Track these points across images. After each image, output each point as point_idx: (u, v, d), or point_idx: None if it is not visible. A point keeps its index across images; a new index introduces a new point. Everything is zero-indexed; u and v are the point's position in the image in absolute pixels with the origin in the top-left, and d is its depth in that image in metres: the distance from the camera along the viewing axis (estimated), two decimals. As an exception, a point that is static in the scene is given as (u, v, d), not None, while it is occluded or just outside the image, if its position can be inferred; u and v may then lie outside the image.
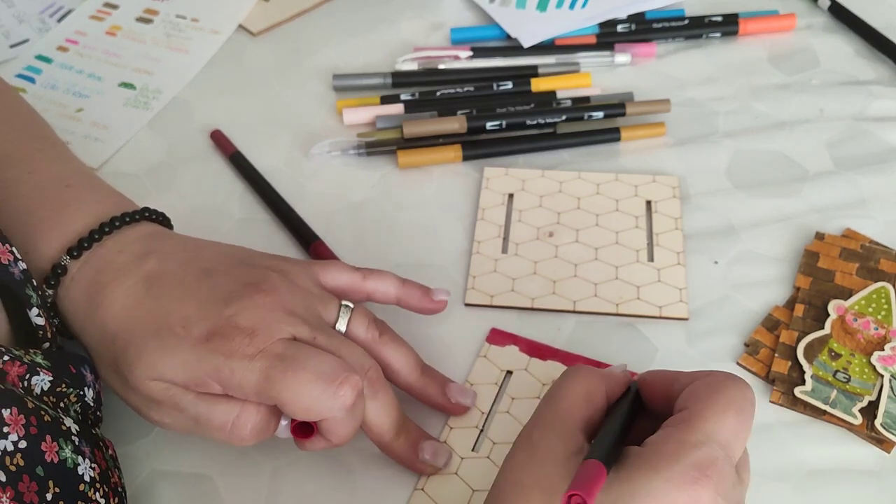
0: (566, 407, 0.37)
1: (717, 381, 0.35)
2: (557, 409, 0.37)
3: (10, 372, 0.37)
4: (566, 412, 0.36)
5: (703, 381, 0.36)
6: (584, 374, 0.38)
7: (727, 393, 0.35)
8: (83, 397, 0.40)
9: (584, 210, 0.56)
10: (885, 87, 0.63)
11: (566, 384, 0.38)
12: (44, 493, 0.34)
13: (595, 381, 0.38)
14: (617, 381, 0.38)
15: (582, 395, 0.37)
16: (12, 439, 0.34)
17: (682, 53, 0.67)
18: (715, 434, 0.33)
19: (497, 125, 0.60)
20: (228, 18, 0.72)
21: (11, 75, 0.67)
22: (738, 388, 0.35)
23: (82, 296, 0.42)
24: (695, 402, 0.35)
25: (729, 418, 0.34)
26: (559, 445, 0.35)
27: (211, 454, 0.45)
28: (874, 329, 0.48)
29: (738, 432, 0.34)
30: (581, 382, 0.37)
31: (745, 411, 0.34)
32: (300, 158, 0.61)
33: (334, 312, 0.43)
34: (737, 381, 0.35)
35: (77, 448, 0.37)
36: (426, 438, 0.43)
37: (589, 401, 0.37)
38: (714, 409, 0.34)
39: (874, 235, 0.53)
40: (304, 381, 0.38)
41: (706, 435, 0.33)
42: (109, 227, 0.43)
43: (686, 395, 0.35)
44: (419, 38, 0.70)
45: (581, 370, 0.38)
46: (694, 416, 0.34)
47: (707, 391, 0.35)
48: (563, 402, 0.37)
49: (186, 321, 0.40)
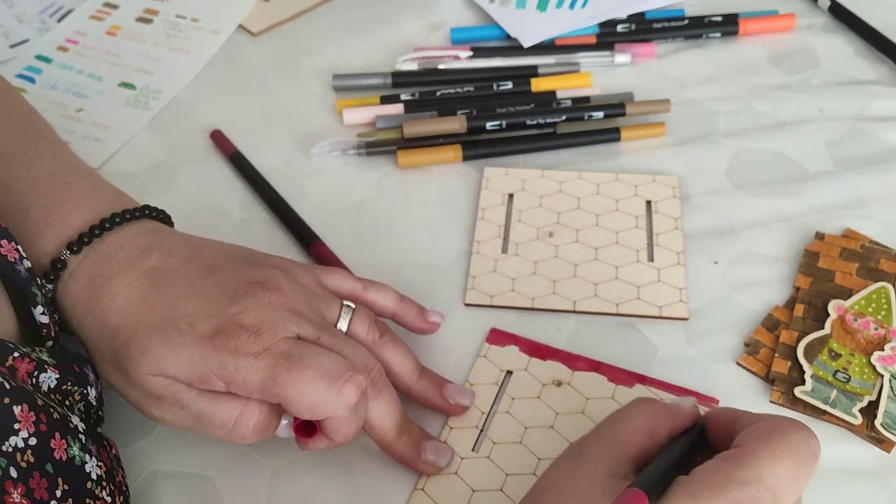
0: (626, 434, 0.36)
1: (780, 424, 0.34)
2: (616, 431, 0.36)
3: (19, 369, 0.37)
4: (624, 439, 0.36)
5: (766, 423, 0.34)
6: (652, 408, 0.37)
7: (788, 438, 0.33)
8: (87, 396, 0.40)
9: (584, 210, 0.56)
10: (885, 87, 0.63)
11: (632, 412, 0.37)
12: (53, 490, 0.34)
13: (662, 416, 0.37)
14: (684, 417, 0.37)
15: (646, 428, 0.36)
16: (23, 436, 0.34)
17: (682, 53, 0.67)
18: (764, 476, 0.32)
19: (497, 125, 0.60)
20: (228, 18, 0.72)
21: (11, 75, 0.67)
22: (802, 436, 0.33)
23: (82, 290, 0.42)
24: (752, 440, 0.33)
25: (784, 464, 0.32)
26: (606, 465, 0.34)
27: (211, 454, 0.45)
28: (874, 329, 0.48)
29: (792, 481, 0.32)
30: (648, 415, 0.36)
31: (805, 461, 0.33)
32: (300, 158, 0.61)
33: (336, 312, 0.43)
34: (801, 428, 0.34)
35: (84, 446, 0.37)
36: (428, 438, 0.44)
37: (651, 435, 0.36)
38: (769, 451, 0.32)
39: (874, 235, 0.53)
40: (308, 380, 0.38)
41: (755, 475, 0.31)
42: (110, 222, 0.43)
43: (745, 433, 0.34)
44: (419, 38, 0.70)
45: (651, 403, 0.37)
46: (746, 454, 0.32)
47: (766, 432, 0.33)
48: (625, 430, 0.36)
49: (191, 318, 0.40)
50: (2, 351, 0.37)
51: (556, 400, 0.46)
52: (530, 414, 0.46)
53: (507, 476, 0.43)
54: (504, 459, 0.44)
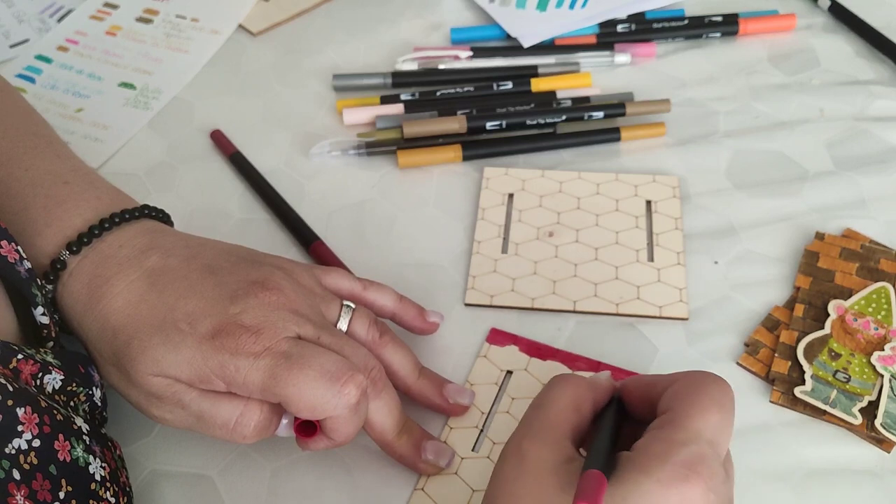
0: (554, 416, 0.36)
1: (697, 380, 0.36)
2: (545, 418, 0.36)
3: (23, 370, 0.37)
4: (554, 421, 0.36)
5: (684, 382, 0.36)
6: (571, 383, 0.38)
7: (708, 391, 0.35)
8: (92, 397, 0.40)
9: (584, 210, 0.56)
10: (885, 87, 0.63)
11: (553, 393, 0.37)
12: (57, 492, 0.34)
13: (582, 389, 0.38)
14: (603, 390, 0.38)
15: (570, 403, 0.37)
16: (26, 438, 0.34)
17: (682, 53, 0.67)
18: (701, 431, 0.33)
19: (497, 125, 0.60)
20: (228, 18, 0.72)
21: (11, 75, 0.67)
22: (719, 386, 0.35)
23: (82, 290, 0.42)
24: (678, 402, 0.35)
25: (712, 415, 0.34)
26: (549, 455, 0.35)
27: (211, 454, 0.45)
28: (874, 329, 0.48)
29: (722, 428, 0.34)
30: (568, 391, 0.37)
31: (727, 408, 0.35)
32: (300, 158, 0.61)
33: (336, 312, 0.43)
34: (716, 378, 0.36)
35: (88, 447, 0.37)
36: (428, 438, 0.44)
37: (576, 409, 0.37)
38: (697, 407, 0.34)
39: (874, 235, 0.53)
40: (309, 379, 0.38)
41: (693, 433, 0.33)
42: (109, 223, 0.43)
43: (668, 397, 0.35)
44: (419, 38, 0.70)
45: (568, 378, 0.38)
46: (678, 416, 0.34)
47: (688, 391, 0.35)
48: (551, 411, 0.37)
49: (191, 317, 0.40)
50: (6, 353, 0.37)
51: (556, 400, 0.46)
52: (530, 414, 0.46)
53: (507, 476, 0.43)
54: (504, 459, 0.44)
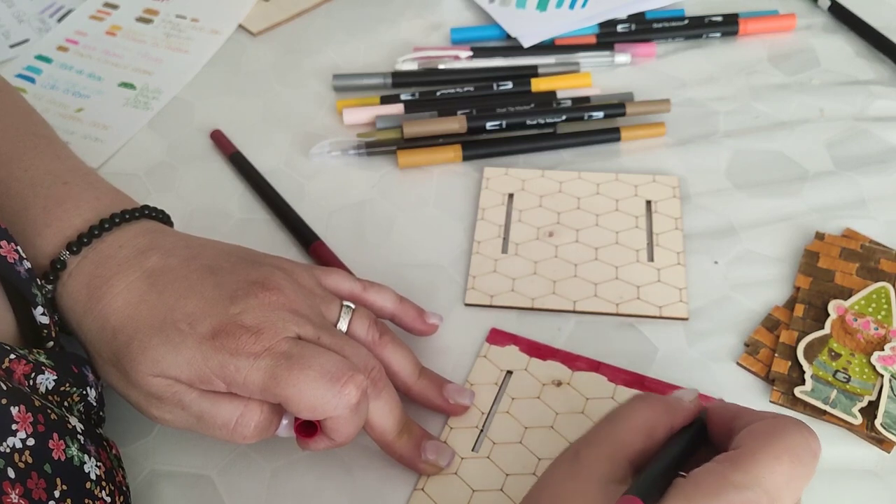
0: (623, 434, 0.35)
1: (779, 424, 0.33)
2: (612, 433, 0.35)
3: (16, 370, 0.37)
4: (620, 439, 0.35)
5: (765, 423, 0.33)
6: (650, 406, 0.36)
7: (787, 438, 0.32)
8: (86, 397, 0.40)
9: (584, 210, 0.56)
10: (885, 87, 0.63)
11: (628, 411, 0.36)
12: (52, 490, 0.34)
13: (660, 414, 0.36)
14: (683, 413, 0.36)
15: (643, 427, 0.35)
16: (21, 437, 0.34)
17: (682, 53, 0.67)
18: (762, 479, 0.31)
19: (497, 125, 0.60)
20: (228, 18, 0.72)
21: (11, 75, 0.67)
22: (802, 436, 0.33)
23: (82, 291, 0.42)
24: (750, 441, 0.32)
25: (782, 465, 0.31)
26: (603, 469, 0.34)
27: (211, 454, 0.45)
28: (874, 329, 0.48)
29: (790, 482, 0.32)
30: (645, 414, 0.36)
31: (804, 462, 0.32)
32: (300, 158, 0.61)
33: (336, 312, 0.43)
34: (801, 428, 0.33)
35: (83, 446, 0.37)
36: (429, 438, 0.44)
37: (648, 435, 0.35)
38: (768, 452, 0.32)
39: (874, 235, 0.53)
40: (309, 380, 0.38)
41: (753, 478, 0.31)
42: (109, 223, 0.43)
43: (744, 434, 0.33)
44: (419, 38, 0.70)
45: (649, 399, 0.36)
46: (744, 456, 0.32)
47: (765, 433, 0.33)
48: (620, 429, 0.35)
49: (191, 318, 0.40)
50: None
51: (556, 400, 0.46)
52: (530, 414, 0.46)
53: (507, 476, 0.43)
54: (504, 459, 0.44)
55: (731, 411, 0.36)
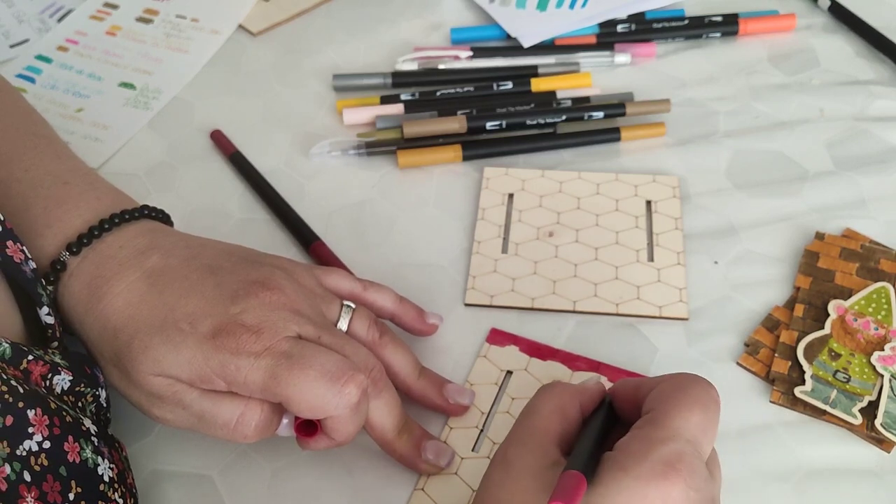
0: (539, 422, 0.37)
1: (681, 381, 0.36)
2: (531, 424, 0.37)
3: (33, 372, 0.37)
4: (540, 427, 0.36)
5: (668, 383, 0.36)
6: (557, 390, 0.38)
7: (691, 391, 0.35)
8: (98, 397, 0.40)
9: (584, 210, 0.56)
10: (885, 87, 0.63)
11: (539, 401, 0.38)
12: (66, 493, 0.34)
13: (568, 396, 0.38)
14: (591, 395, 0.38)
15: (555, 410, 0.37)
16: (37, 440, 0.34)
17: (682, 53, 0.67)
18: (681, 430, 0.33)
19: (497, 125, 0.60)
20: (228, 18, 0.72)
21: (11, 75, 0.67)
22: (703, 387, 0.35)
23: (82, 291, 0.42)
24: (660, 402, 0.35)
25: (694, 415, 0.34)
26: (534, 460, 0.35)
27: (211, 454, 0.45)
28: (874, 329, 0.48)
29: (704, 429, 0.34)
30: (554, 398, 0.37)
31: (711, 409, 0.35)
32: (300, 158, 0.61)
33: (336, 312, 0.43)
34: (700, 380, 0.36)
35: (97, 448, 0.37)
36: (429, 438, 0.44)
37: (563, 416, 0.37)
38: (679, 406, 0.34)
39: (874, 235, 0.53)
40: (309, 379, 0.38)
41: (672, 431, 0.33)
42: (109, 223, 0.43)
43: (651, 398, 0.36)
44: (419, 38, 0.70)
45: (554, 386, 0.38)
46: (659, 415, 0.34)
47: (671, 391, 0.35)
48: (537, 418, 0.37)
49: (192, 317, 0.40)
50: (16, 354, 0.37)
51: (556, 400, 0.46)
52: (530, 414, 0.46)
53: (507, 476, 0.43)
54: (504, 459, 0.44)
55: (632, 384, 0.38)
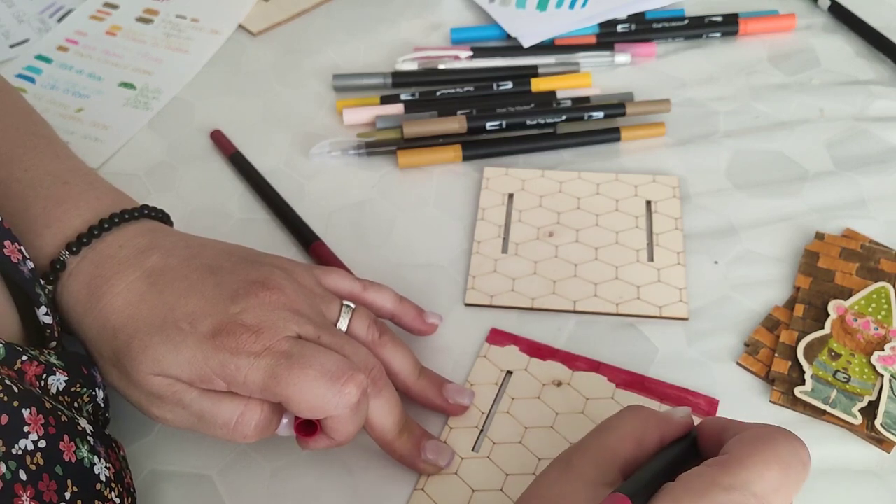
0: (613, 442, 0.35)
1: (769, 432, 0.34)
2: (604, 441, 0.36)
3: (28, 371, 0.37)
4: (611, 447, 0.35)
5: (754, 431, 0.34)
6: (642, 415, 0.36)
7: (777, 446, 0.33)
8: (95, 398, 0.40)
9: (584, 210, 0.56)
10: (885, 87, 0.63)
11: (620, 421, 0.36)
12: (62, 492, 0.34)
13: (651, 424, 0.36)
14: (675, 427, 0.37)
15: (634, 435, 0.36)
16: (32, 439, 0.34)
17: (682, 53, 0.67)
18: (750, 483, 0.31)
19: (497, 125, 0.60)
20: (228, 18, 0.72)
21: (11, 75, 0.67)
22: (790, 444, 0.33)
23: (82, 291, 0.42)
24: (739, 447, 0.33)
25: (771, 471, 0.32)
26: (593, 473, 0.34)
27: (211, 454, 0.45)
28: (874, 329, 0.48)
29: (779, 489, 0.32)
30: (637, 423, 0.36)
31: (794, 470, 0.32)
32: (300, 158, 0.61)
33: (336, 312, 0.43)
34: (790, 437, 0.34)
35: (93, 448, 0.37)
36: (429, 438, 0.44)
37: (639, 444, 0.35)
38: (756, 458, 0.32)
39: (874, 235, 0.53)
40: (309, 379, 0.38)
41: (741, 482, 0.31)
42: (109, 223, 0.43)
43: (734, 441, 0.34)
44: (419, 38, 0.70)
45: (641, 410, 0.37)
46: (733, 460, 0.32)
47: (755, 440, 0.33)
48: (612, 437, 0.36)
49: (192, 317, 0.40)
50: (10, 354, 0.37)
51: (556, 400, 0.46)
52: (530, 414, 0.46)
53: (507, 476, 0.43)
54: (504, 459, 0.44)
55: (721, 424, 0.36)
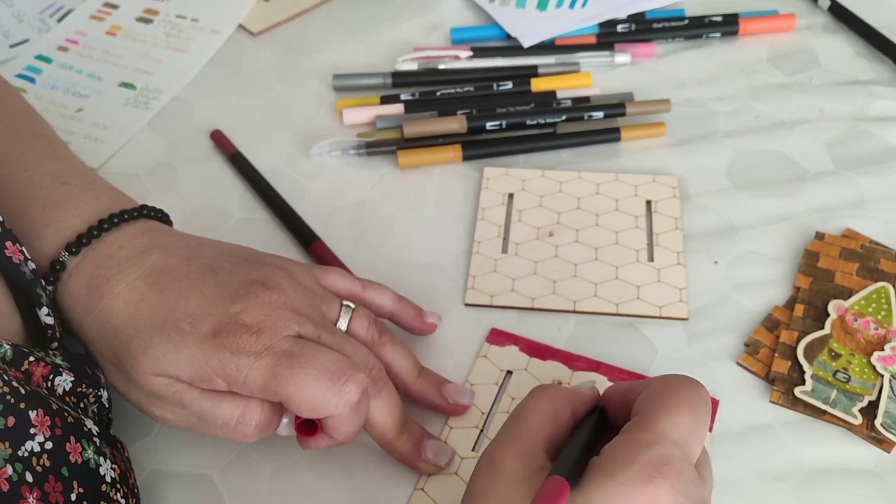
0: (529, 426, 0.36)
1: (669, 382, 0.35)
2: (520, 428, 0.36)
3: (35, 373, 0.37)
4: (528, 431, 0.36)
5: (656, 385, 0.35)
6: (548, 394, 0.37)
7: (680, 392, 0.34)
8: (100, 398, 0.40)
9: (584, 210, 0.56)
10: (885, 87, 0.63)
11: (530, 403, 0.37)
12: (68, 494, 0.34)
13: (560, 400, 0.37)
14: (583, 400, 0.38)
15: (546, 413, 0.36)
16: (39, 440, 0.34)
17: (682, 53, 0.67)
18: (668, 433, 0.33)
19: (497, 125, 0.60)
20: (228, 18, 0.72)
21: (11, 75, 0.67)
22: (691, 387, 0.35)
23: (82, 291, 0.42)
24: (647, 404, 0.34)
25: (682, 416, 0.33)
26: (520, 465, 0.34)
27: (211, 454, 0.45)
28: (874, 329, 0.48)
29: (693, 430, 0.33)
30: (545, 401, 0.37)
31: (700, 410, 0.34)
32: (300, 158, 0.61)
33: (336, 311, 0.43)
34: (689, 381, 0.35)
35: (98, 449, 0.37)
36: (429, 437, 0.44)
37: (553, 420, 0.36)
38: (666, 408, 0.34)
39: (874, 235, 0.53)
40: (310, 378, 0.38)
41: (659, 434, 0.33)
42: (108, 223, 0.43)
43: (640, 400, 0.35)
44: (419, 38, 0.70)
45: (545, 389, 0.38)
46: (645, 418, 0.34)
47: (659, 393, 0.35)
48: (526, 421, 0.36)
49: (192, 317, 0.40)
50: (18, 355, 0.37)
51: (556, 400, 0.46)
52: (530, 414, 0.46)
53: (507, 476, 0.43)
54: (504, 459, 0.44)
55: (623, 388, 0.37)
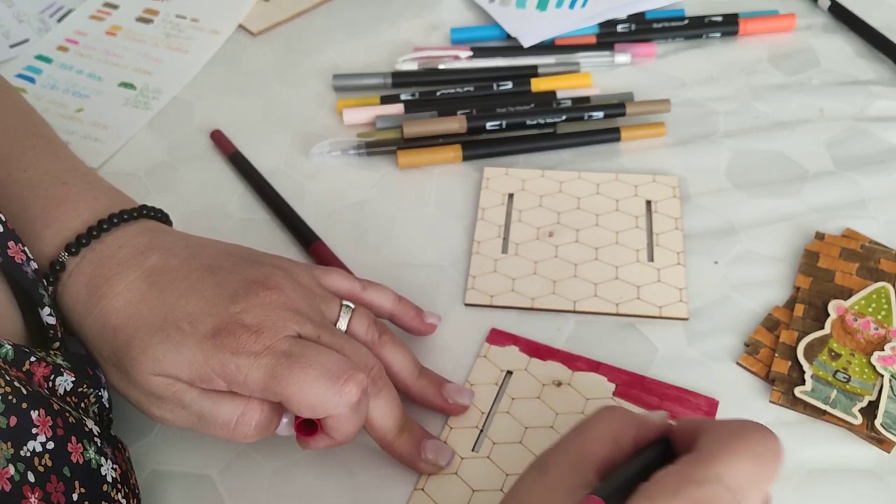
0: (588, 443, 0.35)
1: (739, 426, 0.34)
2: (579, 442, 0.35)
3: (36, 373, 0.37)
4: (586, 448, 0.35)
5: (725, 426, 0.34)
6: (616, 416, 0.36)
7: (746, 438, 0.33)
8: (101, 398, 0.40)
9: (584, 210, 0.56)
10: (885, 87, 0.63)
11: (597, 422, 0.36)
12: (70, 494, 0.34)
13: (624, 424, 0.36)
14: (649, 428, 0.37)
15: (609, 436, 0.35)
16: (40, 440, 0.34)
17: (682, 53, 0.67)
18: (723, 475, 0.31)
19: (497, 125, 0.60)
20: (228, 18, 0.72)
21: (11, 75, 0.67)
22: (761, 436, 0.33)
23: (82, 291, 0.42)
24: (711, 442, 0.33)
25: (743, 462, 0.32)
26: (569, 476, 0.34)
27: (211, 454, 0.45)
28: (874, 329, 0.48)
29: (752, 480, 0.32)
30: (609, 423, 0.36)
31: (766, 461, 0.32)
32: (300, 158, 0.61)
33: (336, 311, 0.43)
34: (760, 429, 0.34)
35: (100, 449, 0.37)
36: (429, 437, 0.44)
37: (614, 443, 0.35)
38: (727, 451, 0.32)
39: (874, 235, 0.53)
40: (310, 378, 0.38)
41: (714, 474, 0.31)
42: (108, 224, 0.43)
43: (705, 438, 0.33)
44: (419, 38, 0.70)
45: (616, 411, 0.37)
46: (704, 454, 0.32)
47: (725, 434, 0.33)
48: (587, 438, 0.35)
49: (192, 317, 0.40)
50: (19, 355, 0.37)
51: (556, 400, 0.46)
52: (530, 414, 0.46)
53: (507, 476, 0.43)
54: (504, 459, 0.44)
55: (694, 423, 0.36)
